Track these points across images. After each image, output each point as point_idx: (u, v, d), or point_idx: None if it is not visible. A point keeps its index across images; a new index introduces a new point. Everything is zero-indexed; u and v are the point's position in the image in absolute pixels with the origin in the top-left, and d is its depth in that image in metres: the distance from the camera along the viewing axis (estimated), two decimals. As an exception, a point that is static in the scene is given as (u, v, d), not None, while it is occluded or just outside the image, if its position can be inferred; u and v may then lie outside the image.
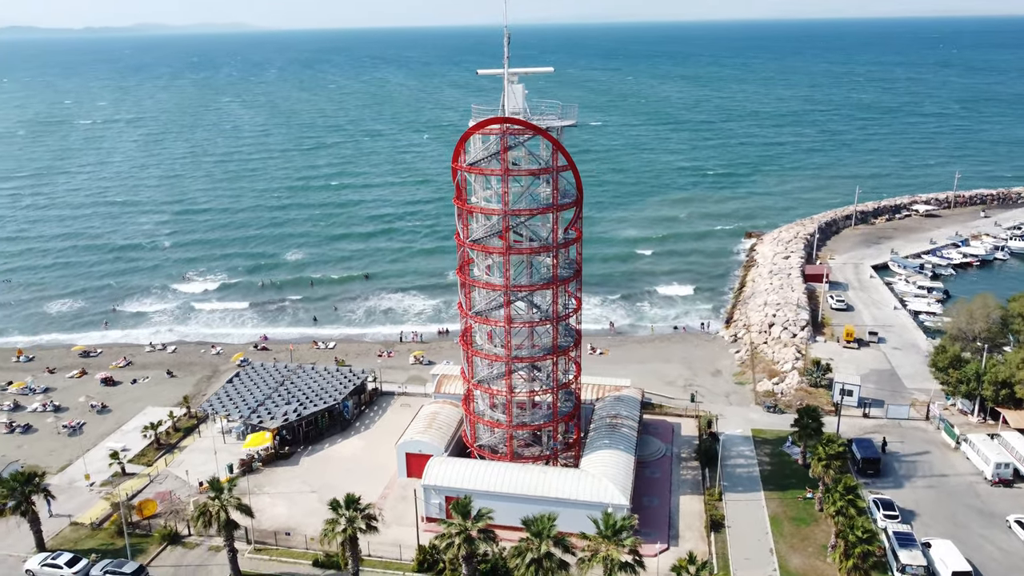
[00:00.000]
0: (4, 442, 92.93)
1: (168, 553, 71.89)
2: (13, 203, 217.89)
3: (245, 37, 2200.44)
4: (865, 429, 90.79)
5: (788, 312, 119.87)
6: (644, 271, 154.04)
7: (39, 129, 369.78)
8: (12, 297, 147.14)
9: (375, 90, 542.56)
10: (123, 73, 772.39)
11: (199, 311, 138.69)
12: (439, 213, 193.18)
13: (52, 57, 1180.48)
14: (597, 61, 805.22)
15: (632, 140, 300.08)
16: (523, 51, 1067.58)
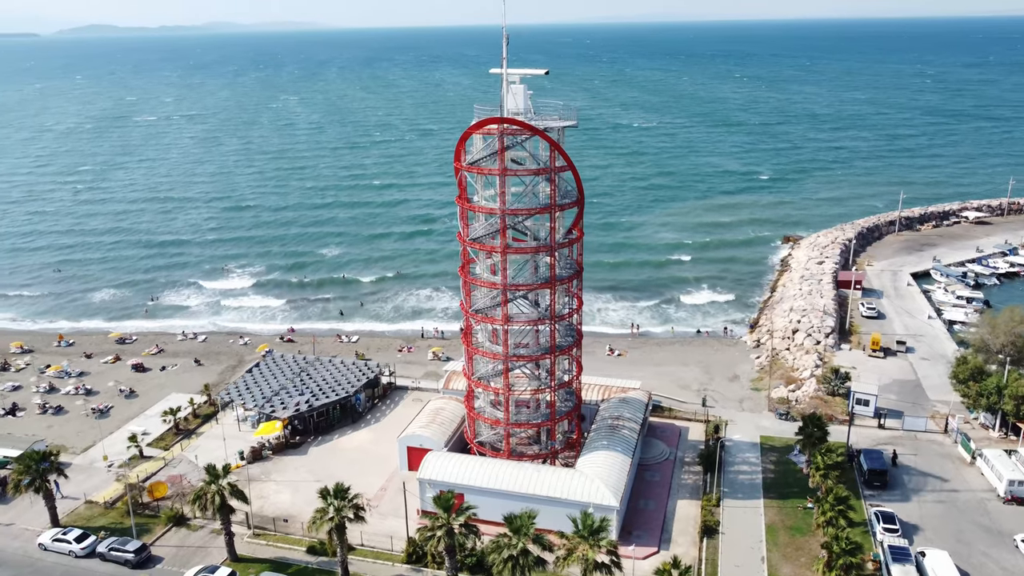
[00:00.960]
0: (36, 422, 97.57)
1: (172, 534, 74.69)
2: (73, 196, 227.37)
3: (313, 35, 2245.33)
4: (879, 440, 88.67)
5: (813, 319, 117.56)
6: (677, 276, 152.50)
7: (104, 124, 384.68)
8: (61, 286, 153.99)
9: (430, 88, 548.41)
10: (190, 71, 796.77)
11: (233, 303, 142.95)
12: None
13: (126, 55, 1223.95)
14: (656, 60, 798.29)
15: (683, 142, 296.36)
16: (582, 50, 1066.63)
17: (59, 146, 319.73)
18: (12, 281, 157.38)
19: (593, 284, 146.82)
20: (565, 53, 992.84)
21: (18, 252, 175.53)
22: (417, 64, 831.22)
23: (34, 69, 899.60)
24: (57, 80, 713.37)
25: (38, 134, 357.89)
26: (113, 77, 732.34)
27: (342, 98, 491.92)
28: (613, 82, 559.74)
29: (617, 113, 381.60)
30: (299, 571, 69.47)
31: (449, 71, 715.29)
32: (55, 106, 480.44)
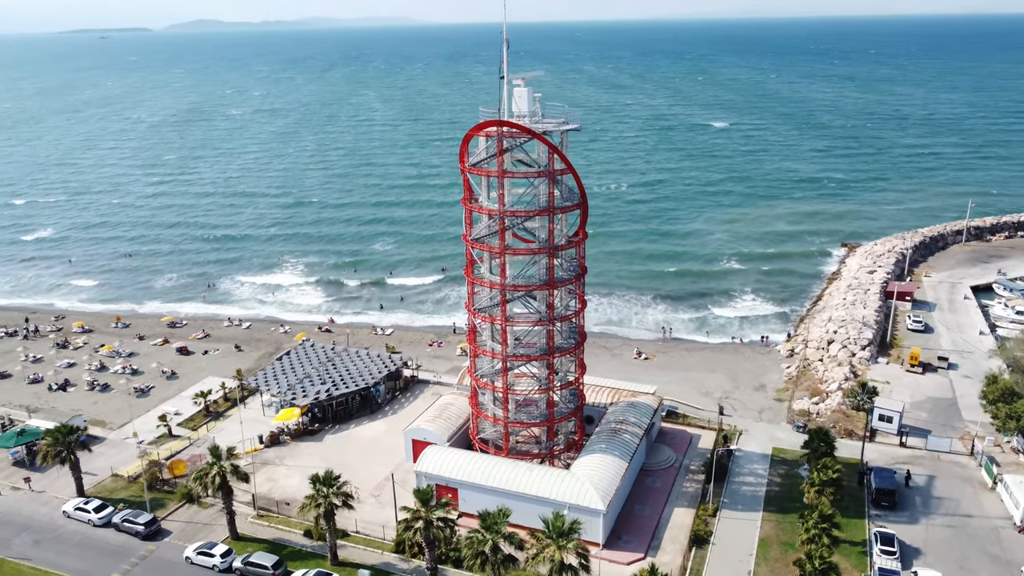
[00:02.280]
0: (82, 397, 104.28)
1: (184, 510, 78.90)
2: (151, 187, 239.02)
3: (405, 31, 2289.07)
4: (898, 459, 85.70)
5: (850, 330, 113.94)
6: (725, 282, 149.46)
7: (193, 118, 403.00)
8: (129, 271, 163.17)
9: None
10: (283, 65, 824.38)
11: (282, 293, 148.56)
12: None
13: (226, 49, 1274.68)
14: (744, 58, 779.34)
15: (760, 144, 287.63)
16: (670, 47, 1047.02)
17: (147, 138, 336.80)
18: (87, 266, 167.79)
19: (636, 287, 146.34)
20: (652, 50, 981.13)
21: (96, 239, 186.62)
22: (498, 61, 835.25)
23: (139, 63, 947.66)
24: (157, 74, 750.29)
25: (131, 126, 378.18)
26: (208, 71, 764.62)
27: (420, 94, 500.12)
28: (696, 81, 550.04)
29: (695, 113, 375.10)
30: (294, 553, 72.38)
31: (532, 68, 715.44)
32: (150, 99, 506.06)
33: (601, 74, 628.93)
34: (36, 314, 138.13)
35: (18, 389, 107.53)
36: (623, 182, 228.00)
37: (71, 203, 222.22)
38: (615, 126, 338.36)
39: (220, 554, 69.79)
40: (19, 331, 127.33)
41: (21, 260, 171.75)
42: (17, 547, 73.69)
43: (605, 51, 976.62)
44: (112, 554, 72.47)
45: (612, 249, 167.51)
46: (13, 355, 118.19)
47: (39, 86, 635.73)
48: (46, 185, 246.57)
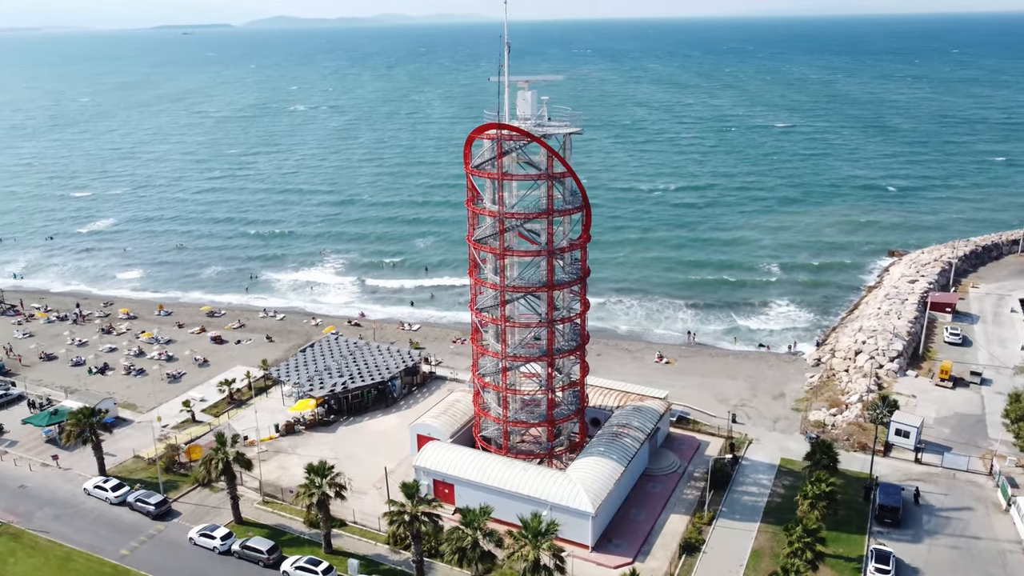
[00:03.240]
0: (118, 381, 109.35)
1: (196, 493, 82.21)
2: (212, 181, 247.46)
3: (475, 28, 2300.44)
4: (911, 475, 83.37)
5: (880, 340, 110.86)
6: (761, 288, 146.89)
7: (258, 113, 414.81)
8: (179, 261, 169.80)
9: (572, 84, 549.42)
10: (351, 62, 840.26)
11: (319, 287, 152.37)
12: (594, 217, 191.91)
13: (300, 45, 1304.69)
14: (817, 57, 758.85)
15: (822, 147, 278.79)
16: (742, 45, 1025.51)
17: (212, 133, 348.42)
18: (140, 256, 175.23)
19: (670, 292, 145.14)
20: (722, 48, 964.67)
21: (152, 231, 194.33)
22: (566, 58, 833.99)
23: (215, 59, 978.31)
24: (229, 69, 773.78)
25: (199, 121, 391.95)
26: (279, 67, 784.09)
27: (482, 92, 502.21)
28: (763, 80, 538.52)
29: (758, 114, 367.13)
30: (292, 539, 74.80)
31: (595, 66, 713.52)
32: (220, 95, 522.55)
33: (666, 72, 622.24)
34: (87, 300, 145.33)
35: (62, 371, 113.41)
36: (673, 184, 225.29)
37: (132, 195, 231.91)
38: (673, 126, 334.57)
39: (220, 537, 72.68)
40: (69, 316, 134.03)
41: (80, 249, 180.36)
42: (38, 520, 78.11)
43: (673, 49, 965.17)
44: (123, 531, 76.18)
45: (654, 255, 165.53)
46: (61, 339, 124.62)
47: (118, 81, 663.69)
48: (112, 178, 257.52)
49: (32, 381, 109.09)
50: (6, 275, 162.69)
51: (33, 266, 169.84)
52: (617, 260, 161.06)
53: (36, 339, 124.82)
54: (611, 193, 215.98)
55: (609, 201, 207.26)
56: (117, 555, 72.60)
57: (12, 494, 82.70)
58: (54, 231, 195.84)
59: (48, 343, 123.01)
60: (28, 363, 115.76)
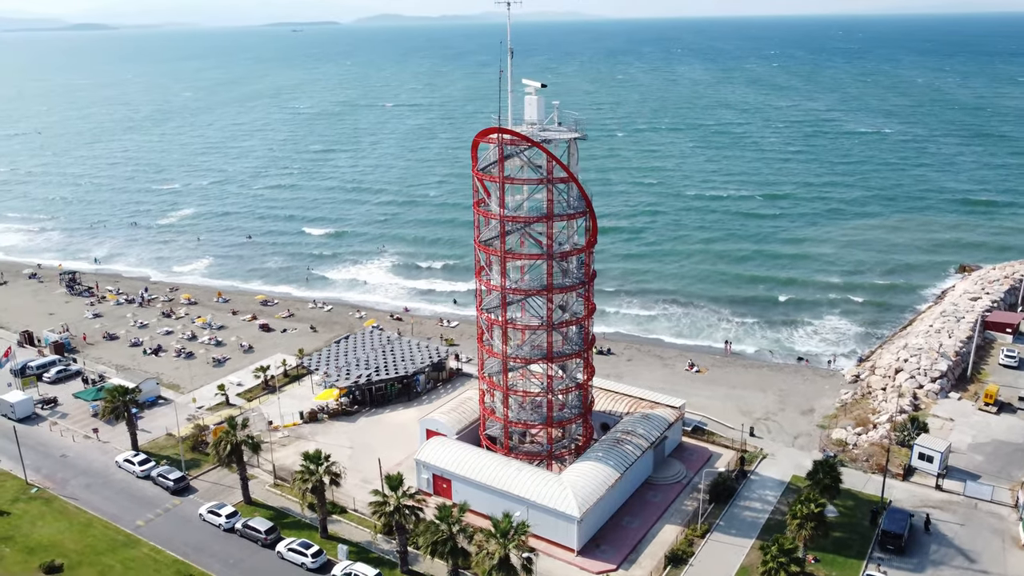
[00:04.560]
0: (168, 363, 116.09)
1: (215, 472, 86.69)
2: (290, 177, 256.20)
3: (573, 26, 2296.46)
4: (929, 502, 79.92)
5: (924, 359, 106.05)
6: (816, 298, 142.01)
7: (346, 110, 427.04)
8: (244, 253, 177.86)
9: (662, 84, 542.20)
10: (444, 60, 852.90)
11: (372, 281, 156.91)
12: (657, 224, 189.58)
13: (400, 43, 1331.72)
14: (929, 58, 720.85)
15: (914, 156, 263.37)
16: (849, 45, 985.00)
17: (300, 129, 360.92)
18: (211, 245, 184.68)
19: (718, 300, 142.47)
20: (828, 48, 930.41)
21: (226, 223, 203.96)
22: (663, 57, 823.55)
23: (319, 55, 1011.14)
24: (329, 66, 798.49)
25: (291, 116, 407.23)
26: (374, 65, 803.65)
27: (569, 92, 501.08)
28: (864, 83, 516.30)
29: (853, 118, 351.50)
30: (293, 522, 78.26)
31: (692, 65, 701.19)
32: (315, 91, 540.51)
33: (763, 73, 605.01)
34: (155, 285, 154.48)
35: (120, 350, 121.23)
36: (747, 192, 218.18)
37: (214, 188, 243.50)
38: (759, 130, 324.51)
39: (226, 515, 76.75)
40: (136, 299, 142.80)
41: (158, 237, 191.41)
42: (71, 488, 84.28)
43: (776, 48, 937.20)
44: (143, 503, 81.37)
45: (711, 267, 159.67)
46: (124, 320, 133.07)
47: (222, 77, 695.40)
48: (198, 171, 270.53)
49: (92, 359, 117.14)
50: (88, 259, 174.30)
51: (114, 251, 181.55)
52: (670, 272, 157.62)
53: (103, 320, 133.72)
54: (679, 200, 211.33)
55: (676, 209, 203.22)
56: (133, 525, 77.68)
57: (54, 462, 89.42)
58: (138, 220, 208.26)
59: (113, 324, 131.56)
60: (92, 342, 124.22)
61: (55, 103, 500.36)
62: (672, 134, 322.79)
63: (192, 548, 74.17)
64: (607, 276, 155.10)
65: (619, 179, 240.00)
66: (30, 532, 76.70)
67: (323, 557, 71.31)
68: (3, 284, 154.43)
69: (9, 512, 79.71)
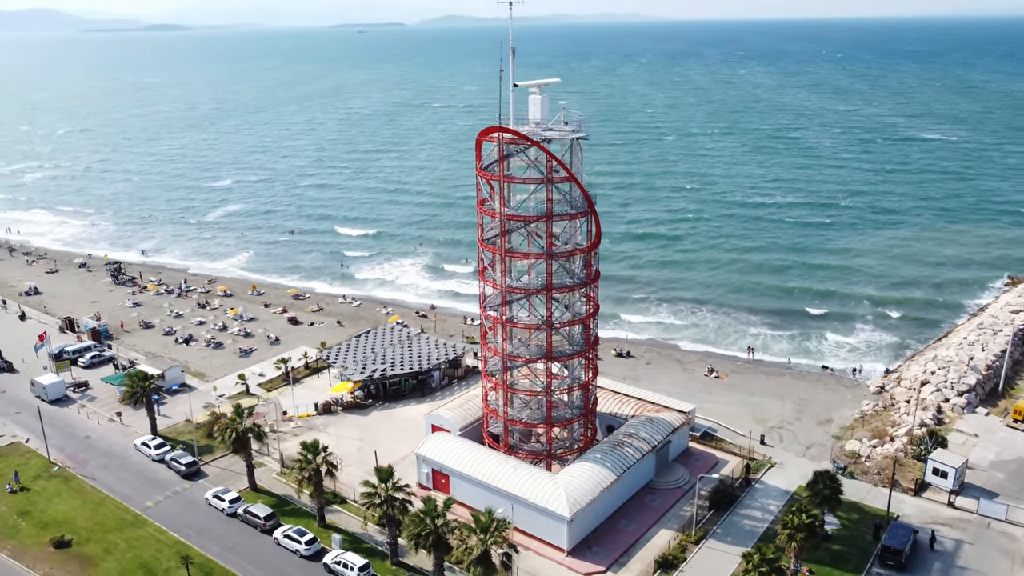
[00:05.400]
0: (197, 352, 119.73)
1: (227, 459, 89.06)
2: (336, 177, 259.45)
3: (636, 27, 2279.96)
4: (939, 519, 77.40)
5: (952, 372, 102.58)
6: (850, 309, 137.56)
7: (400, 110, 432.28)
8: (283, 249, 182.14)
9: (719, 86, 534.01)
10: (505, 61, 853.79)
11: (402, 278, 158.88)
12: (697, 231, 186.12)
13: (462, 44, 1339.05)
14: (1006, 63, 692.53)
15: (975, 164, 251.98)
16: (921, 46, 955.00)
17: (353, 128, 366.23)
18: (253, 240, 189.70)
19: (748, 306, 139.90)
20: (901, 51, 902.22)
21: (269, 220, 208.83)
22: (724, 60, 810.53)
23: (383, 56, 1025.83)
24: (389, 67, 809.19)
25: (346, 116, 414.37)
26: (432, 67, 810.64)
27: (625, 95, 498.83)
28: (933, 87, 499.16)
29: (918, 124, 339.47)
30: (294, 510, 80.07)
31: (753, 68, 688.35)
32: (369, 91, 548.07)
33: (826, 76, 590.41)
34: (196, 277, 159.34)
35: (154, 338, 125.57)
36: (795, 199, 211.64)
37: (262, 186, 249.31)
38: (816, 136, 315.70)
39: (229, 500, 79.00)
40: (174, 289, 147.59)
41: (204, 232, 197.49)
42: (91, 468, 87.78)
43: (843, 50, 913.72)
44: (155, 485, 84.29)
45: (748, 277, 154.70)
46: (161, 310, 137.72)
47: (285, 76, 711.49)
48: (249, 168, 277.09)
49: (126, 346, 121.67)
50: (137, 251, 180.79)
51: (161, 244, 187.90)
52: (703, 280, 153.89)
53: (142, 309, 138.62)
54: (723, 207, 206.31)
55: (718, 216, 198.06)
56: (142, 506, 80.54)
57: (78, 443, 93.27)
58: (186, 214, 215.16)
59: (150, 313, 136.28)
60: (129, 329, 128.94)
61: (122, 101, 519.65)
62: (723, 138, 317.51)
63: (195, 531, 76.51)
64: (638, 282, 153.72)
65: (663, 184, 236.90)
66: (46, 508, 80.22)
67: (317, 545, 72.80)
68: (55, 272, 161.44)
69: (30, 488, 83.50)
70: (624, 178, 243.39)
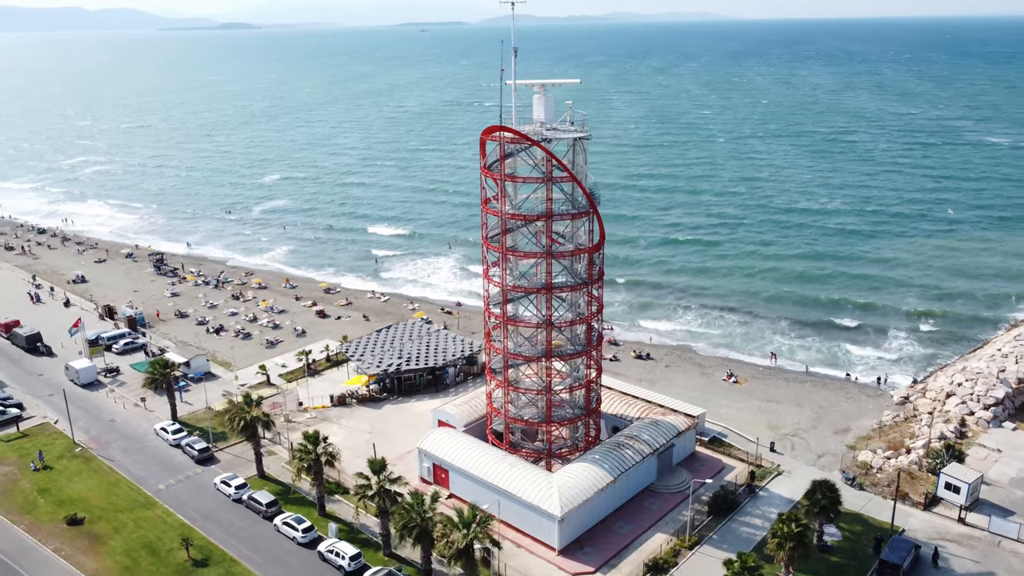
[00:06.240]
0: (226, 342, 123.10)
1: (240, 446, 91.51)
2: (379, 176, 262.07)
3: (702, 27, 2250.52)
4: (947, 535, 75.08)
5: (980, 385, 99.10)
6: (883, 317, 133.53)
7: (451, 108, 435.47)
8: (321, 243, 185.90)
9: (780, 88, 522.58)
10: (558, 60, 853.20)
11: (433, 276, 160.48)
12: (737, 237, 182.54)
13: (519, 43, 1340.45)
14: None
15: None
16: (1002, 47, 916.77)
17: (399, 128, 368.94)
18: (294, 234, 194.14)
19: (778, 312, 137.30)
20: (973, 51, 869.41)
21: (311, 215, 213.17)
22: (788, 61, 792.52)
23: (440, 55, 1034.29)
24: (445, 65, 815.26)
25: (398, 114, 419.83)
26: (485, 66, 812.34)
27: (677, 96, 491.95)
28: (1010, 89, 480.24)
29: (984, 128, 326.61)
30: (297, 498, 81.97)
31: (816, 69, 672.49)
32: (423, 90, 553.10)
33: (892, 77, 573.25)
34: (234, 269, 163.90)
35: (187, 328, 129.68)
36: (843, 206, 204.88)
37: (308, 182, 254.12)
38: (874, 139, 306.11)
39: (236, 486, 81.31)
40: (211, 281, 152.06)
41: (247, 226, 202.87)
42: (112, 450, 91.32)
43: (913, 51, 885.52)
44: (169, 469, 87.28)
45: (783, 288, 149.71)
46: (196, 300, 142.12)
47: (343, 74, 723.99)
48: (298, 165, 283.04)
49: (160, 334, 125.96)
50: (183, 243, 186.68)
51: (206, 237, 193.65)
52: (738, 288, 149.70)
53: (179, 299, 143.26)
54: (766, 213, 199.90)
55: (759, 222, 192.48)
56: (154, 488, 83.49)
57: (103, 426, 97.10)
58: (233, 208, 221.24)
59: (186, 303, 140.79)
60: (164, 318, 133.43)
61: (185, 97, 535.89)
62: (775, 141, 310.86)
63: (200, 514, 79.01)
64: (668, 287, 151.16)
65: (708, 187, 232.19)
66: (65, 486, 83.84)
67: (313, 533, 74.45)
68: (102, 262, 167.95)
69: (52, 467, 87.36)
70: (668, 181, 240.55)
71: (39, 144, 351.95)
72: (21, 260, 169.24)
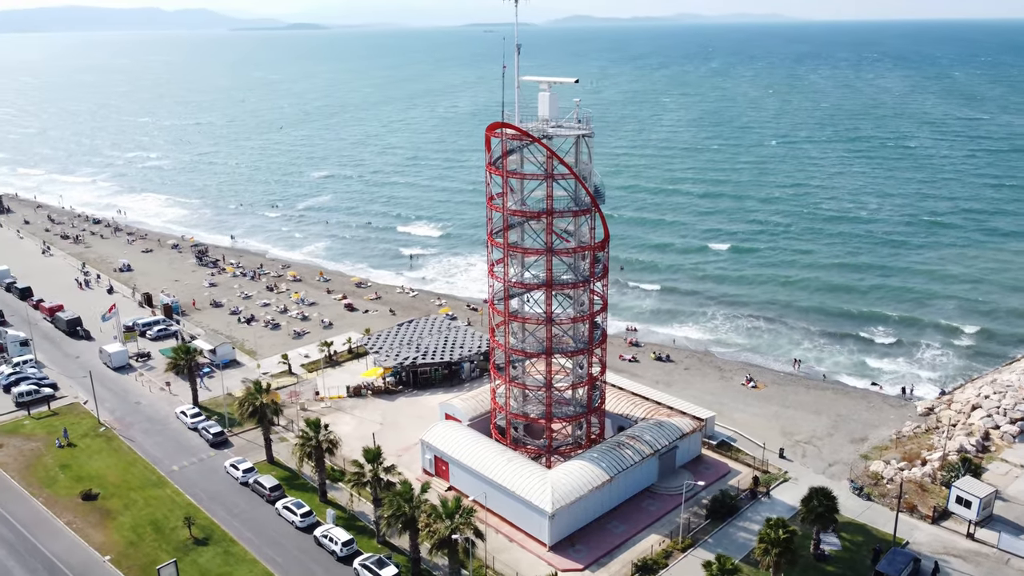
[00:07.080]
0: (255, 331, 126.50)
1: (253, 432, 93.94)
2: (420, 175, 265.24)
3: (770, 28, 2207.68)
4: (953, 550, 72.88)
5: (1008, 399, 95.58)
6: (918, 328, 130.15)
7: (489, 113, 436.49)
8: (360, 240, 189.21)
9: (841, 91, 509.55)
10: (619, 61, 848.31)
11: (466, 272, 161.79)
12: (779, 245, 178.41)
13: (580, 45, 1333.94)
14: None
15: None
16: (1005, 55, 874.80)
17: (448, 126, 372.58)
18: (336, 229, 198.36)
19: (810, 318, 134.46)
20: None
21: (354, 212, 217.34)
22: (854, 63, 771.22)
23: (496, 55, 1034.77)
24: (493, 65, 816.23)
25: (449, 114, 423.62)
26: (544, 68, 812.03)
27: (733, 100, 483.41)
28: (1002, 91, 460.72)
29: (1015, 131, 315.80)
30: (302, 484, 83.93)
31: (882, 71, 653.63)
32: (476, 91, 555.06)
33: (964, 80, 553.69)
34: (271, 261, 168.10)
35: (220, 317, 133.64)
36: (893, 214, 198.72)
37: (355, 179, 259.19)
38: (935, 145, 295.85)
39: (243, 470, 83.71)
40: (248, 272, 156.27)
41: (290, 221, 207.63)
42: (133, 431, 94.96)
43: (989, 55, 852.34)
44: (185, 451, 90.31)
45: (819, 302, 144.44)
46: (232, 291, 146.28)
47: (402, 74, 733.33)
48: (346, 163, 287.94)
49: (193, 322, 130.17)
50: (228, 235, 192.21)
51: (250, 230, 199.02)
52: (771, 298, 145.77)
53: (216, 289, 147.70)
54: (813, 220, 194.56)
55: (804, 229, 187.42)
56: (168, 469, 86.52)
57: (129, 407, 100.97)
58: (279, 203, 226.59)
59: (222, 293, 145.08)
60: (200, 308, 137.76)
61: (247, 96, 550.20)
62: (831, 146, 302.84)
63: (208, 496, 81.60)
64: (699, 294, 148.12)
65: (755, 193, 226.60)
66: (85, 463, 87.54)
67: (311, 518, 76.21)
68: (149, 252, 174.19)
69: (76, 445, 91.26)
70: (713, 186, 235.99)
71: (99, 139, 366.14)
72: (74, 248, 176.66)
